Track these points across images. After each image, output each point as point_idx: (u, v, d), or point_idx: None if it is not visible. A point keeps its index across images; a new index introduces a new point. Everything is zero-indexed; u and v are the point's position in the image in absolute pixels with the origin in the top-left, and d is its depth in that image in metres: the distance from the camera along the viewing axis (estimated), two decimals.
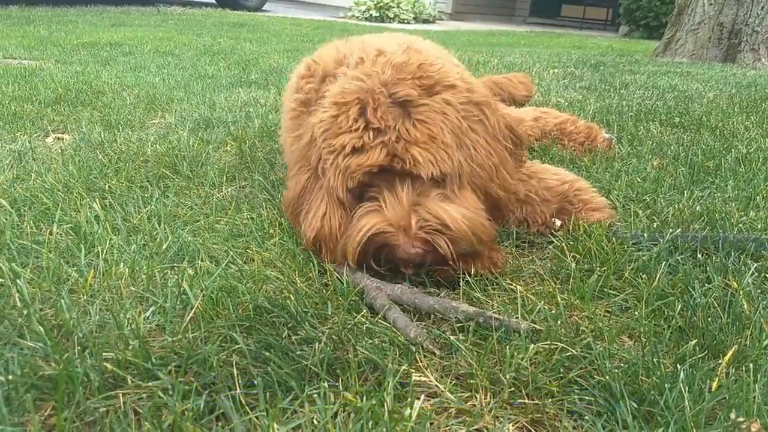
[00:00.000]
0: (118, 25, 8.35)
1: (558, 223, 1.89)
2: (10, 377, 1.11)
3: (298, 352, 1.25)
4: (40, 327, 1.25)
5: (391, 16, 14.40)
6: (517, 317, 1.40)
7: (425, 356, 1.28)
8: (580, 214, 1.90)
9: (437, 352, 1.30)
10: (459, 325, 1.38)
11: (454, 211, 1.50)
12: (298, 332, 1.33)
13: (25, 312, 1.32)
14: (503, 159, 1.71)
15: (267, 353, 1.23)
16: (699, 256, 1.71)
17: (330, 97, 1.64)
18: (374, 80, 1.59)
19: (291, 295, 1.43)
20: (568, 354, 1.26)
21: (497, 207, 1.71)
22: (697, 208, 2.05)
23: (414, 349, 1.28)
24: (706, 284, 1.56)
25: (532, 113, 2.99)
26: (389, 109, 1.53)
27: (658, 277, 1.57)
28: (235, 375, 1.18)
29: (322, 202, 1.66)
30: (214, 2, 14.22)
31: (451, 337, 1.31)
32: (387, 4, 14.52)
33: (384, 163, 1.51)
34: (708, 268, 1.64)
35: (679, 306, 1.44)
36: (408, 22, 14.33)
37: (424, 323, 1.42)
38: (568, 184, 1.97)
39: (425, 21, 15.10)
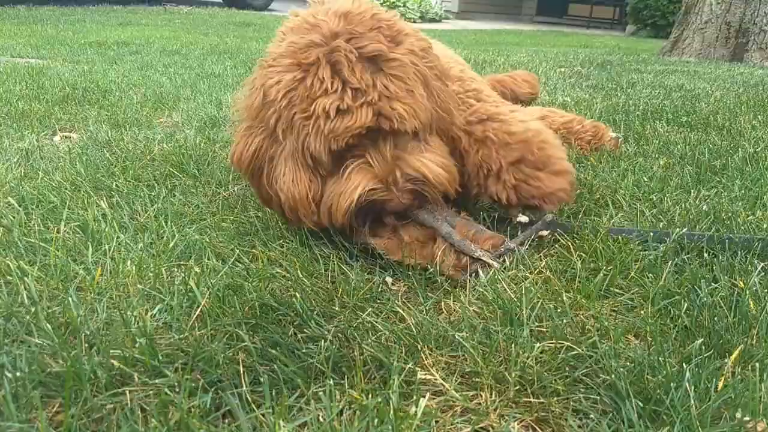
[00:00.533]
0: (126, 24, 8.38)
1: (524, 219, 1.78)
2: (18, 374, 1.11)
3: (304, 350, 1.26)
4: (47, 324, 1.26)
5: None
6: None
7: (430, 354, 1.28)
8: (540, 175, 1.81)
9: (497, 265, 1.52)
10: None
11: (431, 161, 1.59)
12: (304, 330, 1.34)
13: (33, 309, 1.32)
14: (454, 99, 1.77)
15: (273, 351, 1.23)
16: (705, 255, 1.71)
17: (282, 56, 1.59)
18: (330, 34, 1.55)
19: (297, 293, 1.43)
20: (573, 353, 1.26)
21: (456, 149, 1.79)
22: (704, 207, 2.04)
23: (419, 348, 1.28)
24: (713, 284, 1.56)
25: (539, 112, 2.98)
26: (365, 67, 1.52)
27: (664, 277, 1.57)
28: (242, 372, 1.18)
29: (287, 167, 1.64)
30: (221, 1, 14.25)
31: (457, 335, 1.31)
32: (393, 3, 14.51)
33: (371, 124, 1.50)
34: (714, 268, 1.64)
35: (686, 305, 1.44)
36: (414, 21, 14.33)
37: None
38: (533, 132, 1.87)
39: (432, 20, 15.10)
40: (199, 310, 1.37)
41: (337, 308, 1.45)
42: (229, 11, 12.16)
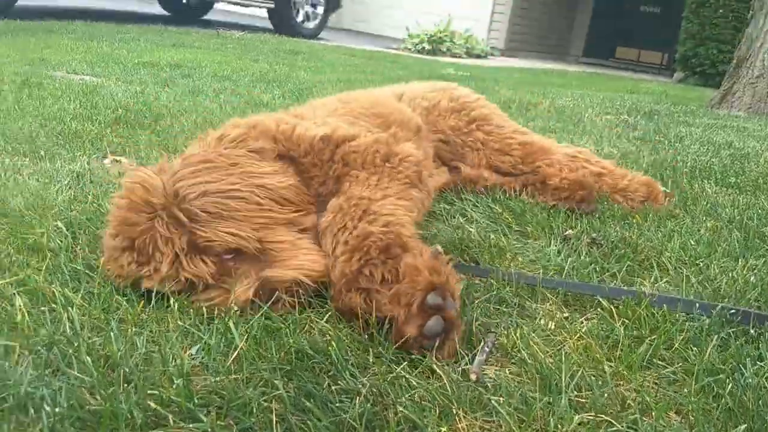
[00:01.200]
0: (179, 46, 8.58)
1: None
2: (57, 410, 1.13)
3: (337, 404, 1.25)
4: (87, 357, 1.28)
5: (444, 50, 14.50)
6: None
7: (464, 417, 1.26)
8: None
9: None
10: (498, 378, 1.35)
11: None
12: (339, 382, 1.33)
13: (74, 343, 1.34)
14: None
15: (307, 402, 1.23)
16: (752, 331, 1.66)
17: None
18: None
19: (333, 342, 1.42)
20: (613, 429, 1.22)
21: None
22: (752, 278, 1.99)
23: (454, 410, 1.26)
24: (758, 362, 1.51)
25: (566, 149, 2.89)
26: None
27: (708, 351, 1.52)
28: (274, 423, 1.18)
29: None
30: (272, 28, 14.52)
31: (492, 399, 1.29)
32: (440, 38, 14.63)
33: None
34: (761, 345, 1.59)
35: (730, 385, 1.39)
36: (460, 57, 14.40)
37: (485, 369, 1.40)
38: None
39: (477, 56, 15.16)
40: (236, 352, 1.38)
41: (372, 359, 1.44)
42: (280, 38, 12.36)
